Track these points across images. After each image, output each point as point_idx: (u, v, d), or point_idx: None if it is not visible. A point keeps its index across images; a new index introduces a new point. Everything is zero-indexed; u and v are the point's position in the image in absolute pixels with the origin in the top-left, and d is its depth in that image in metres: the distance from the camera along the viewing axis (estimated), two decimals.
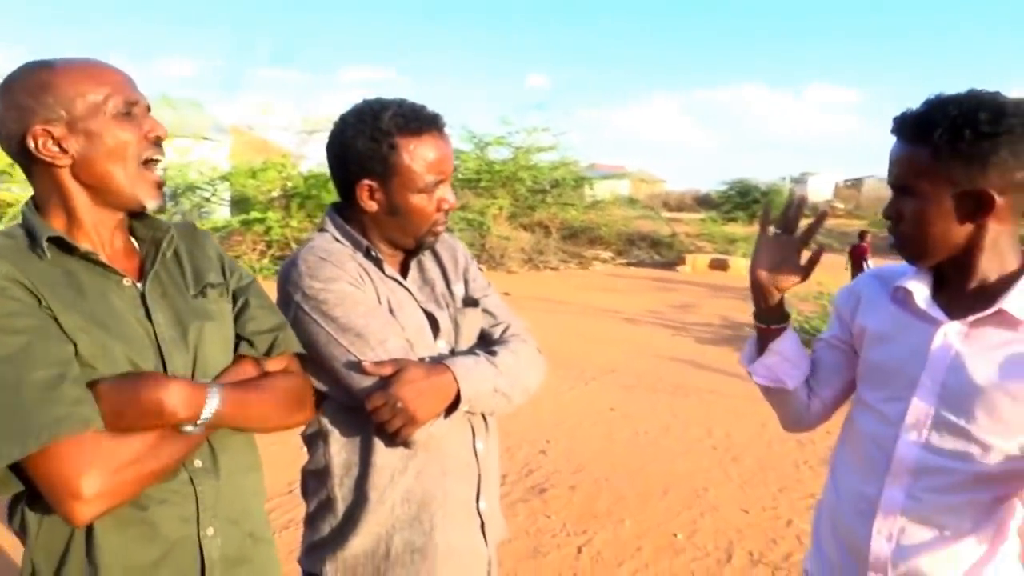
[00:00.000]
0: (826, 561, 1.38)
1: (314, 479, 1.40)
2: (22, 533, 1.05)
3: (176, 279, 1.18)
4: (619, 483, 4.04)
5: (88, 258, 1.07)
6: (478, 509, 1.43)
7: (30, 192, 1.13)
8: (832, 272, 7.58)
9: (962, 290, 1.21)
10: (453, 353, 1.39)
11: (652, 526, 3.53)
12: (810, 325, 7.35)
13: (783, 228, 1.36)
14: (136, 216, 1.17)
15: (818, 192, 40.58)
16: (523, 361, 1.42)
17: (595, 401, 5.59)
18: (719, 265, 14.16)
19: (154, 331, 1.09)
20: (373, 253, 1.39)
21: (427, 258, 1.49)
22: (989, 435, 1.16)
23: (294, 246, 9.26)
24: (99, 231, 1.10)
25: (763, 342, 1.41)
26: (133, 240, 1.19)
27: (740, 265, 13.96)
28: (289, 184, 13.15)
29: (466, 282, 1.51)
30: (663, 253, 16.24)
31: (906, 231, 1.21)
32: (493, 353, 1.38)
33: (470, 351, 1.40)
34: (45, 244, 1.04)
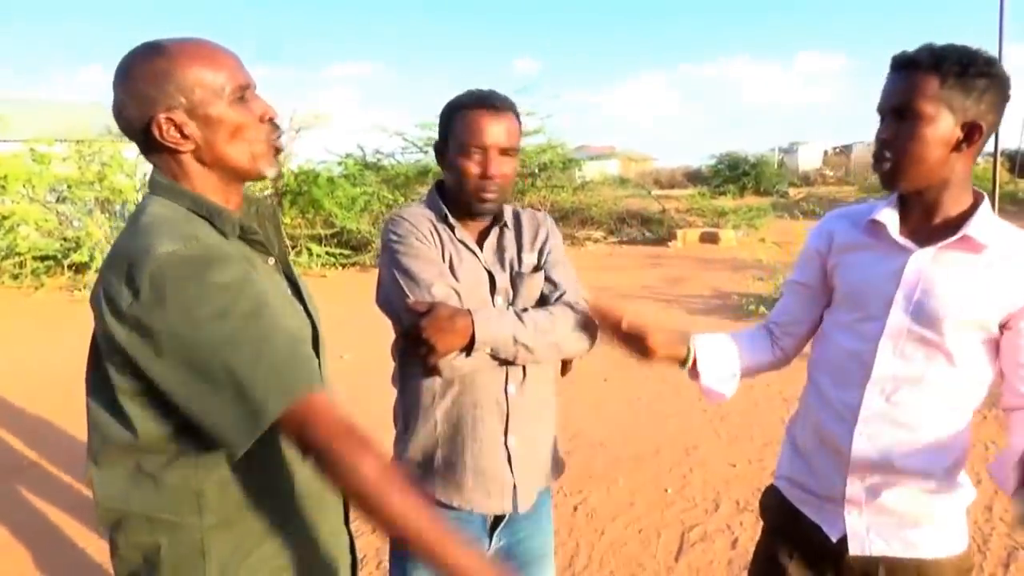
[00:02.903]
0: (803, 465, 1.56)
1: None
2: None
3: (282, 250, 1.29)
4: (613, 447, 4.23)
5: (250, 239, 1.17)
6: (506, 443, 1.64)
7: (21, 202, 1.23)
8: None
9: (927, 223, 1.39)
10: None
11: (644, 483, 3.72)
12: None
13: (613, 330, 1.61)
14: None
15: (807, 161, 40.67)
16: (558, 321, 1.59)
17: (588, 373, 5.75)
18: (709, 238, 14.25)
19: (303, 304, 1.24)
20: (449, 220, 1.64)
21: (509, 229, 1.72)
22: (955, 347, 1.34)
23: (288, 243, 9.41)
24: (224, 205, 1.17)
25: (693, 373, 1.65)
26: None
27: (729, 237, 14.13)
28: (280, 182, 13.23)
29: (541, 253, 1.72)
30: (654, 230, 16.32)
31: (898, 152, 1.33)
32: (526, 311, 1.58)
33: (521, 309, 1.61)
34: (229, 229, 1.13)
